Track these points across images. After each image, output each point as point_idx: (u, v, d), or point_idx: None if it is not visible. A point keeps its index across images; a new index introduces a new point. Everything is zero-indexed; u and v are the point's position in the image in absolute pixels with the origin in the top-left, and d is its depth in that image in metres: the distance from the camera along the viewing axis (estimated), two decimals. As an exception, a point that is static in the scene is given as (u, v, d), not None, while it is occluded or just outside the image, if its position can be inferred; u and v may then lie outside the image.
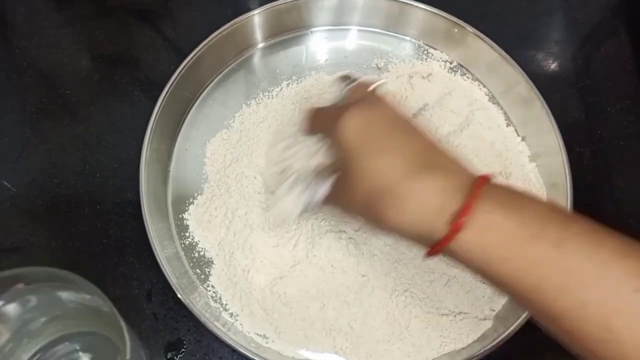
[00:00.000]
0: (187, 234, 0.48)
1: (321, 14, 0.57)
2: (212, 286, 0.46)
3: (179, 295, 0.43)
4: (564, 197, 0.48)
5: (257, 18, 0.54)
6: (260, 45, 0.57)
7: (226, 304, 0.45)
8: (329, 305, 0.44)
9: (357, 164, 0.35)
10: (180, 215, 0.48)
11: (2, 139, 0.51)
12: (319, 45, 0.57)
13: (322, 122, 0.40)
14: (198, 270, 0.46)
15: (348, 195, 0.37)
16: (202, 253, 0.47)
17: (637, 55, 0.59)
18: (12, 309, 0.34)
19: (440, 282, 0.46)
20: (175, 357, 0.44)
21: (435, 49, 0.57)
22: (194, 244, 0.47)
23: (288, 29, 0.57)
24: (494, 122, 0.54)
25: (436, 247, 0.33)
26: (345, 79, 0.44)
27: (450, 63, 0.56)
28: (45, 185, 0.49)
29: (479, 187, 0.32)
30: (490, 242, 0.31)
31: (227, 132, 0.52)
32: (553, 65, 0.59)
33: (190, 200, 0.49)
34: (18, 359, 0.37)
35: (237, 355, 0.44)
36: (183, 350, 0.44)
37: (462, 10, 0.55)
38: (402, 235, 0.35)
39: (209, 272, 0.46)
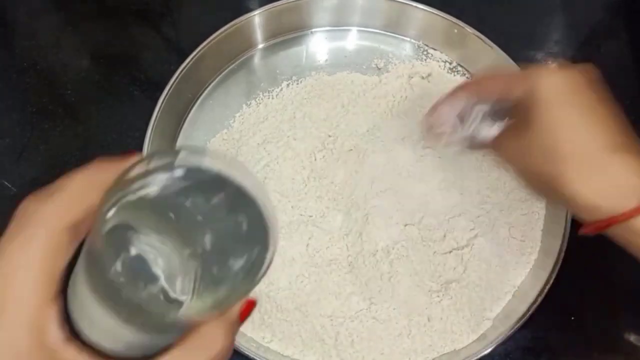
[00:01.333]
0: (187, 234, 0.48)
1: (321, 14, 0.57)
2: (212, 286, 0.46)
3: (179, 295, 0.43)
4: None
5: (257, 18, 0.54)
6: (261, 45, 0.57)
7: (226, 304, 0.45)
8: (328, 308, 0.44)
9: (554, 118, 0.34)
10: (180, 215, 0.48)
11: (2, 139, 0.51)
12: (319, 46, 0.57)
13: (502, 84, 0.38)
14: (198, 270, 0.46)
15: (524, 148, 0.36)
16: (202, 253, 0.47)
17: (637, 55, 0.59)
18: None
19: (440, 282, 0.46)
20: (175, 357, 0.44)
21: (435, 50, 0.57)
22: (194, 244, 0.47)
23: (288, 29, 0.57)
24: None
25: (612, 219, 0.33)
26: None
27: (450, 63, 0.56)
28: (45, 185, 0.49)
29: None
30: None
31: (227, 132, 0.52)
32: (553, 66, 0.59)
33: (190, 200, 0.49)
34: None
35: (237, 355, 0.44)
36: (183, 350, 0.44)
37: (461, 11, 0.55)
38: (570, 201, 0.34)
39: (209, 272, 0.46)
